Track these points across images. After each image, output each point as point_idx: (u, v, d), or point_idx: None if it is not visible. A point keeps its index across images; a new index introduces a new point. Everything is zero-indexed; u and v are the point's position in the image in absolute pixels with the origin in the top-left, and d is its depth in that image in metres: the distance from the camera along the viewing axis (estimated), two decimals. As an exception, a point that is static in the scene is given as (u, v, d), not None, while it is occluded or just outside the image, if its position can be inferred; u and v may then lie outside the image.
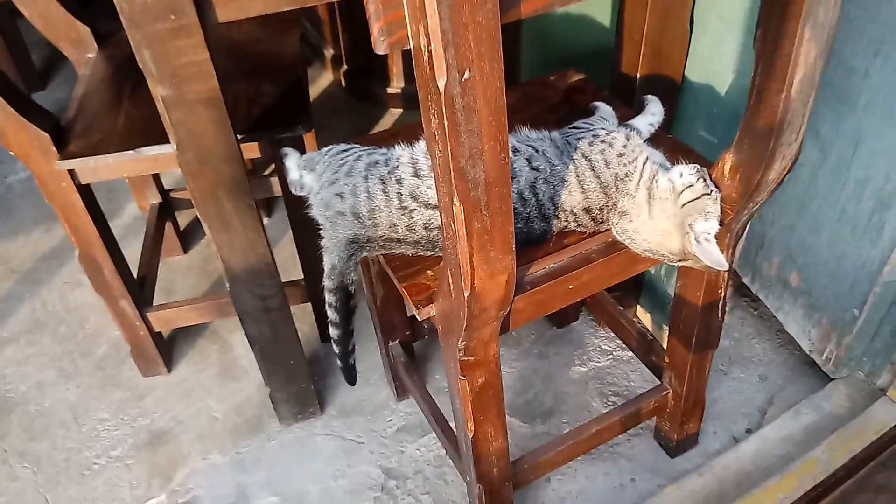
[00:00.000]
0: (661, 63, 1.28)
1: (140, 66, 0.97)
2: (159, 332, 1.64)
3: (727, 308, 1.28)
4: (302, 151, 1.20)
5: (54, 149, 1.26)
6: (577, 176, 0.99)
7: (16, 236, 2.08)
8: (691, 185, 0.96)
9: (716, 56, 1.26)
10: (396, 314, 1.42)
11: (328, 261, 1.04)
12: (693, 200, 0.95)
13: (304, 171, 1.13)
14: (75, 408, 1.62)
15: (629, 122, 1.14)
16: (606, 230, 1.01)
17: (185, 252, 1.99)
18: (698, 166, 0.99)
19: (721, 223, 0.97)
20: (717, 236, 0.96)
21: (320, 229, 1.04)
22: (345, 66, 2.60)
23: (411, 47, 0.63)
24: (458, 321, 0.86)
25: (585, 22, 1.56)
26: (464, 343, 0.90)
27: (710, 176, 0.99)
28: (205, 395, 1.63)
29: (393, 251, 1.01)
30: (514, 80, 1.78)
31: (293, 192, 1.15)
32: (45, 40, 1.62)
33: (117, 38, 1.60)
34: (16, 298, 1.90)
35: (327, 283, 1.07)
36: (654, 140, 1.11)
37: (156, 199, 1.86)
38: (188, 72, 0.99)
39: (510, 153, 1.01)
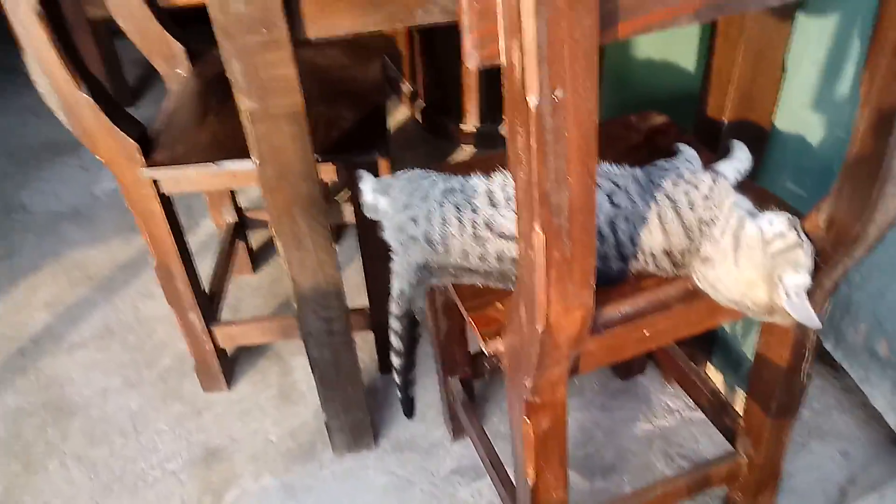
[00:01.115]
0: (749, 108, 1.24)
1: (229, 79, 0.99)
2: (223, 349, 1.66)
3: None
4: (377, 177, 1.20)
5: (140, 157, 1.30)
6: (660, 216, 0.95)
7: (96, 244, 2.15)
8: (782, 234, 0.91)
9: (808, 104, 1.21)
10: (458, 349, 1.39)
11: (397, 286, 1.03)
12: (784, 251, 0.90)
13: (378, 194, 1.12)
14: (136, 417, 1.64)
15: (714, 165, 1.10)
16: (687, 276, 0.97)
17: (255, 272, 2.02)
18: (790, 215, 0.94)
19: (812, 278, 0.92)
20: (807, 292, 0.90)
21: (391, 254, 1.02)
22: (421, 102, 2.64)
23: (503, 62, 0.62)
24: (527, 358, 0.82)
25: (668, 67, 1.53)
26: (532, 382, 0.86)
27: (802, 227, 0.93)
28: (261, 416, 1.62)
29: (463, 281, 0.98)
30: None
31: (367, 215, 1.14)
32: (139, 60, 1.69)
33: (208, 56, 1.66)
34: (90, 304, 1.96)
35: (394, 308, 1.05)
36: (739, 188, 1.06)
37: (231, 217, 1.90)
38: (275, 85, 1.01)
39: (591, 189, 0.98)
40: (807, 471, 1.45)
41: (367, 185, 1.16)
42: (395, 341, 1.09)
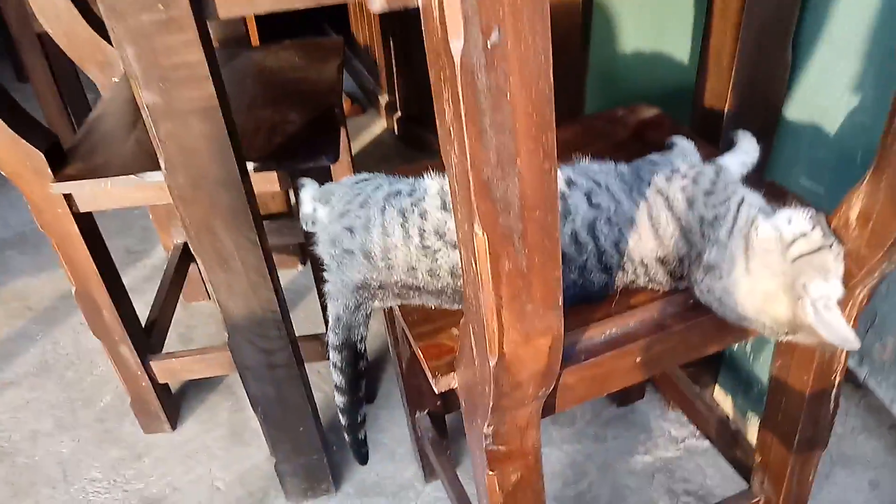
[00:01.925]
0: (754, 95, 1.06)
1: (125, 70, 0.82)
2: (165, 384, 1.47)
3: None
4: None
5: (49, 170, 1.12)
6: (651, 217, 0.77)
7: (39, 273, 1.97)
8: (805, 234, 0.73)
9: (823, 88, 1.03)
10: (426, 380, 1.20)
11: (332, 311, 0.84)
12: (808, 254, 0.72)
13: (319, 203, 0.94)
14: (66, 464, 1.45)
15: (716, 159, 0.92)
16: (686, 289, 0.79)
17: (210, 297, 1.83)
18: (813, 210, 0.76)
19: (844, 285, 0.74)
20: (839, 303, 0.72)
21: (324, 272, 0.84)
22: (398, 113, 2.48)
23: (420, 4, 0.44)
24: (482, 399, 0.64)
25: (660, 59, 1.36)
26: (492, 428, 0.67)
27: (828, 224, 0.75)
28: (208, 460, 1.43)
29: (412, 302, 0.80)
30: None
31: (304, 227, 0.96)
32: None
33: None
34: (27, 338, 1.77)
35: (331, 337, 0.87)
36: (747, 183, 0.88)
37: (181, 237, 1.72)
38: (180, 75, 0.83)
39: (564, 186, 0.80)
40: (832, 506, 1.26)
41: (308, 194, 0.98)
42: (335, 377, 0.90)
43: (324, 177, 1.17)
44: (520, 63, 0.43)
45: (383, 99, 2.59)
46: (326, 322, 1.33)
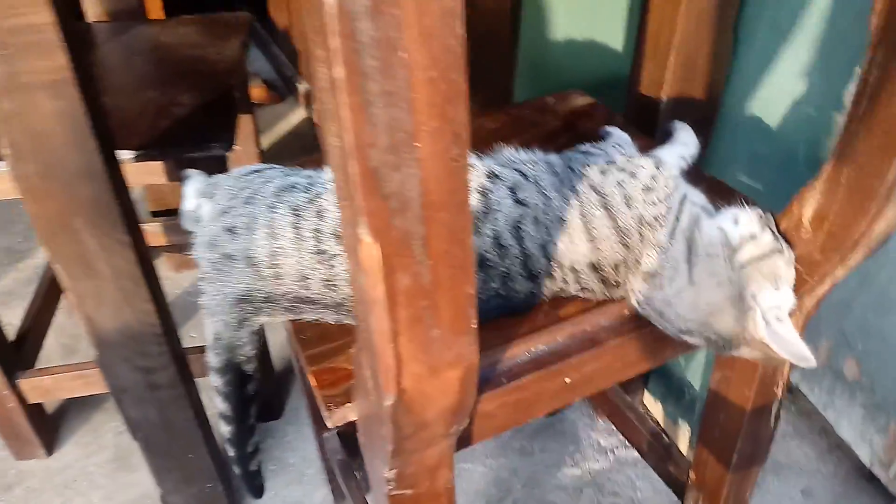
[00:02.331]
0: (693, 83, 0.98)
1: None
2: (38, 405, 1.29)
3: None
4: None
5: None
6: (583, 216, 0.67)
7: None
8: (754, 237, 0.65)
9: (767, 77, 0.96)
10: (334, 397, 1.08)
11: (210, 328, 0.71)
12: (758, 259, 0.63)
13: (204, 199, 0.81)
14: (-79, 499, 1.26)
15: (653, 151, 0.83)
16: (622, 298, 0.69)
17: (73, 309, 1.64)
18: (761, 211, 0.68)
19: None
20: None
21: (200, 281, 0.71)
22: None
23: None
24: (381, 441, 0.52)
25: (594, 44, 1.27)
26: (395, 471, 0.56)
27: (777, 226, 0.67)
28: (89, 489, 1.27)
29: (305, 317, 0.68)
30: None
31: (184, 226, 0.82)
32: None
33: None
34: None
35: (211, 359, 0.73)
36: (687, 179, 0.80)
37: (63, 235, 1.53)
38: (23, 40, 0.68)
39: (485, 179, 0.69)
40: (765, 517, 1.21)
41: (192, 188, 0.84)
42: (219, 403, 0.77)
43: (219, 169, 1.03)
44: (418, 12, 0.31)
45: (302, 87, 2.43)
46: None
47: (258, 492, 0.90)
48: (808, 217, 0.64)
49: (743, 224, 0.66)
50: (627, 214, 0.66)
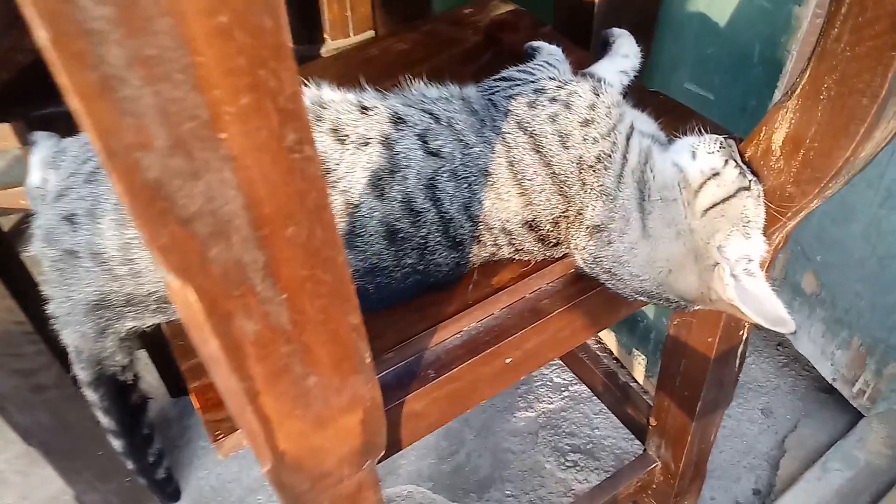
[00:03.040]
0: (628, -20, 0.85)
1: None
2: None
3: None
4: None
5: None
6: (512, 164, 0.54)
7: None
8: (717, 173, 0.53)
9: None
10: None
11: (68, 341, 0.57)
12: (722, 201, 0.52)
13: (51, 170, 0.65)
14: None
15: (589, 69, 0.70)
16: (566, 255, 0.58)
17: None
18: (721, 138, 0.56)
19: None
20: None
21: (41, 286, 0.56)
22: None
23: None
24: (278, 489, 0.40)
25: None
26: (303, 514, 0.45)
27: (741, 154, 0.56)
28: (2, 488, 1.14)
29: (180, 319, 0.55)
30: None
31: (32, 206, 0.67)
32: None
33: None
34: None
35: (78, 373, 0.60)
36: (630, 98, 0.67)
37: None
38: None
39: (389, 125, 0.56)
40: (725, 440, 1.16)
41: (38, 156, 0.68)
42: (102, 418, 0.64)
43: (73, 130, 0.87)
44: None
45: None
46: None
47: (172, 497, 0.79)
48: (778, 142, 0.53)
49: (702, 157, 0.54)
50: (564, 157, 0.54)
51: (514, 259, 0.58)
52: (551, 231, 0.55)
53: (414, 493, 1.13)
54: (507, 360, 0.57)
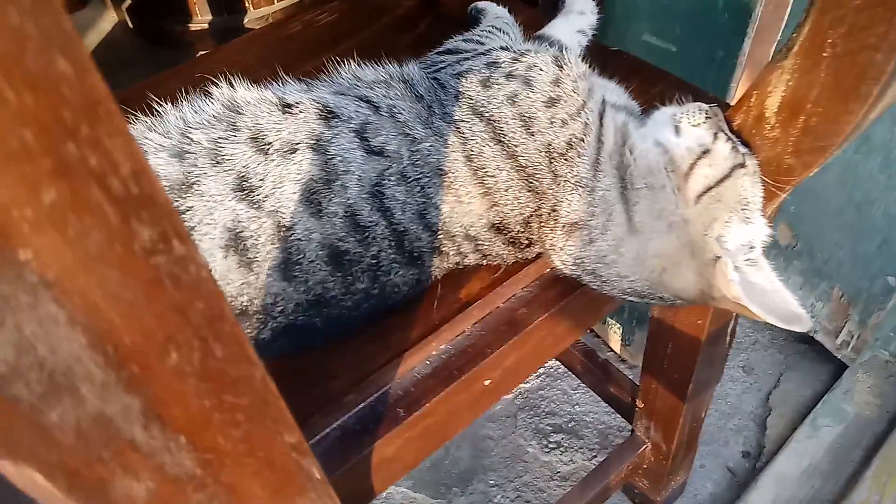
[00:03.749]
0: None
1: None
2: None
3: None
4: None
5: None
6: (470, 159, 0.46)
7: None
8: (706, 151, 0.46)
9: None
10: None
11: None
12: (717, 184, 0.45)
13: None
14: None
15: (542, 31, 0.62)
16: (540, 255, 0.50)
17: None
18: (707, 107, 0.49)
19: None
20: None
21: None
22: (128, 1, 1.95)
23: None
24: None
25: None
26: None
27: (729, 123, 0.49)
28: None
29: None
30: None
31: None
32: None
33: None
34: None
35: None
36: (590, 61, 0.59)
37: None
38: None
39: (319, 124, 0.47)
40: (711, 405, 1.12)
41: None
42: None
43: None
44: None
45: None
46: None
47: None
48: (773, 108, 0.46)
49: (687, 132, 0.47)
50: (530, 145, 0.46)
51: (481, 265, 0.50)
52: (522, 232, 0.47)
53: (394, 494, 1.07)
54: (486, 383, 0.49)
